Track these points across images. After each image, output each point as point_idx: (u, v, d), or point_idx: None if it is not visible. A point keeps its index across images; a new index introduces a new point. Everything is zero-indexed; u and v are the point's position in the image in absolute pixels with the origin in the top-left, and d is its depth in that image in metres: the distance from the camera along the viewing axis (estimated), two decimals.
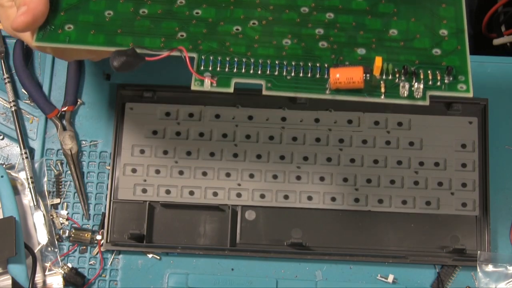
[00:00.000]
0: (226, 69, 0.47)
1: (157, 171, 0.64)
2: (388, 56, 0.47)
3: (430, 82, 0.46)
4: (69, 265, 0.63)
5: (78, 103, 0.67)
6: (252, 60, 0.47)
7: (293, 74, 0.47)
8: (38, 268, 0.60)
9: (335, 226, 0.64)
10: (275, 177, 0.64)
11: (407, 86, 0.46)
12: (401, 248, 0.63)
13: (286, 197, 0.64)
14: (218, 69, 0.47)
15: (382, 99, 0.46)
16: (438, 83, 0.46)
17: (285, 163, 0.64)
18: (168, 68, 0.67)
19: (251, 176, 0.64)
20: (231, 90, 0.46)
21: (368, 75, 0.46)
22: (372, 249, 0.63)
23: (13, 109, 0.66)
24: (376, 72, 0.46)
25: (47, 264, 0.63)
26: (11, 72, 0.67)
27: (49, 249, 0.63)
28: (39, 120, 0.66)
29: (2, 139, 0.67)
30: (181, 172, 0.64)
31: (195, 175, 0.64)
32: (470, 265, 0.62)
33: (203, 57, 0.48)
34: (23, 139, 0.65)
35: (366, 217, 0.64)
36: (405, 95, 0.46)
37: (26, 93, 0.67)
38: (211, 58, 0.47)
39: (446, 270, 0.63)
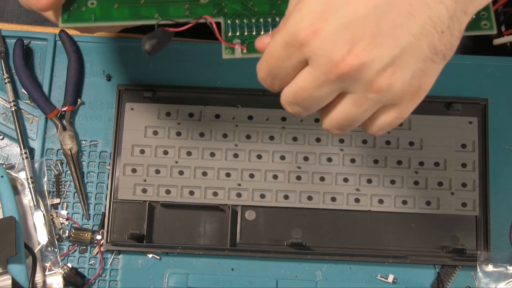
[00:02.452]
0: (254, 33, 0.47)
1: (157, 171, 0.64)
2: None
3: None
4: (69, 265, 0.63)
5: (78, 103, 0.67)
6: (277, 19, 0.47)
7: None
8: (38, 268, 0.60)
9: (335, 226, 0.64)
10: (275, 177, 0.64)
11: None
12: (401, 248, 0.63)
13: (286, 197, 0.64)
14: (246, 33, 0.47)
15: None
16: None
17: (285, 163, 0.64)
18: (168, 68, 0.67)
19: (251, 176, 0.64)
20: (261, 55, 0.46)
21: None
22: (372, 249, 0.63)
23: (13, 109, 0.66)
24: None
25: (47, 264, 0.63)
26: (11, 72, 0.67)
27: (49, 249, 0.63)
28: (39, 120, 0.66)
29: (2, 139, 0.67)
30: (181, 172, 0.64)
31: (195, 175, 0.64)
32: (470, 265, 0.62)
33: (229, 21, 0.47)
34: (23, 139, 0.65)
35: (366, 217, 0.64)
36: None
37: (26, 93, 0.67)
38: (237, 22, 0.47)
39: (446, 270, 0.63)
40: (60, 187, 0.65)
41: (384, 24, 0.38)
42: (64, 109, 0.66)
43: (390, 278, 0.63)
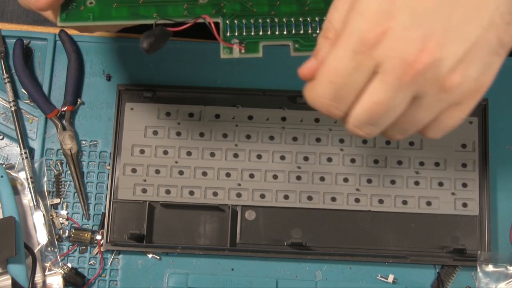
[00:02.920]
0: (252, 33, 0.47)
1: (157, 171, 0.64)
2: None
3: None
4: (69, 265, 0.63)
5: (78, 103, 0.67)
6: (276, 20, 0.47)
7: (318, 31, 0.47)
8: (38, 268, 0.60)
9: (335, 226, 0.64)
10: (275, 177, 0.64)
11: None
12: (401, 248, 0.63)
13: (286, 197, 0.64)
14: (244, 33, 0.47)
15: None
16: None
17: (285, 163, 0.64)
18: (168, 68, 0.67)
19: (251, 176, 0.64)
20: (260, 55, 0.46)
21: None
22: (372, 249, 0.63)
23: (13, 109, 0.66)
24: None
25: (47, 264, 0.63)
26: (11, 72, 0.67)
27: (49, 249, 0.63)
28: (39, 120, 0.66)
29: (2, 139, 0.67)
30: (181, 172, 0.64)
31: (195, 175, 0.64)
32: (470, 265, 0.62)
33: (227, 21, 0.47)
34: (23, 139, 0.65)
35: (366, 217, 0.64)
36: None
37: (26, 93, 0.67)
38: (235, 22, 0.47)
39: (446, 270, 0.63)
40: (60, 187, 0.65)
41: (455, 17, 0.36)
42: (64, 109, 0.66)
43: (390, 278, 0.63)
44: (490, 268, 0.62)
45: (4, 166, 0.65)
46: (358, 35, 0.37)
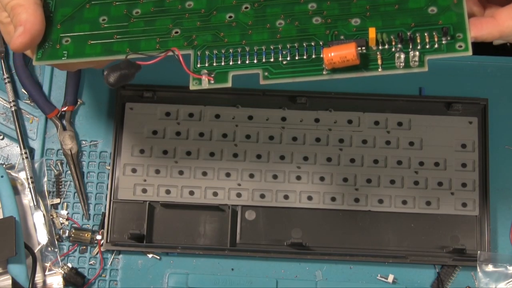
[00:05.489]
0: (222, 63, 0.47)
1: (157, 171, 0.64)
2: (384, 23, 0.47)
3: (428, 46, 0.46)
4: (69, 265, 0.63)
5: (78, 103, 0.67)
6: (247, 49, 0.47)
7: (288, 58, 0.47)
8: (38, 268, 0.60)
9: (335, 226, 0.64)
10: (275, 177, 0.64)
11: (402, 56, 0.45)
12: (401, 248, 0.63)
13: (286, 197, 0.64)
14: (215, 63, 0.47)
15: (380, 71, 0.45)
16: (436, 45, 0.45)
17: (285, 163, 0.64)
18: (168, 68, 0.67)
19: (251, 176, 0.64)
20: (229, 84, 0.46)
21: (364, 48, 0.46)
22: (372, 249, 0.63)
23: (13, 109, 0.66)
24: (372, 44, 0.46)
25: (47, 264, 0.63)
26: (11, 72, 0.67)
27: (49, 249, 0.63)
28: (39, 120, 0.66)
29: (2, 139, 0.67)
30: (181, 172, 0.64)
31: (195, 175, 0.64)
32: (470, 265, 0.62)
33: (198, 53, 0.48)
34: (23, 139, 0.65)
35: (366, 217, 0.64)
36: (401, 66, 0.45)
37: (26, 93, 0.67)
38: (206, 53, 0.47)
39: (446, 270, 0.63)
40: (60, 187, 0.65)
41: None
42: (64, 109, 0.66)
43: (390, 278, 0.63)
44: (490, 268, 0.62)
45: (4, 166, 0.65)
46: None
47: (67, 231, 0.64)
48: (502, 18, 0.47)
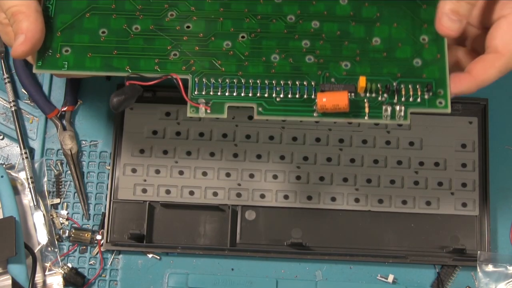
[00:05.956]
0: (219, 93, 0.49)
1: (157, 171, 0.64)
2: (372, 70, 0.50)
3: (411, 99, 0.49)
4: (69, 265, 0.63)
5: (78, 103, 0.67)
6: (243, 81, 0.49)
7: (282, 95, 0.49)
8: (38, 268, 0.61)
9: (335, 226, 0.64)
10: (275, 177, 0.64)
11: (389, 109, 0.48)
12: (401, 248, 0.63)
13: (286, 197, 0.64)
14: (211, 92, 0.49)
15: (366, 119, 0.48)
16: (419, 99, 0.49)
17: (285, 163, 0.64)
18: None
19: (251, 176, 0.64)
20: (224, 115, 0.49)
21: (353, 94, 0.49)
22: (372, 249, 0.63)
23: (13, 109, 0.66)
24: (361, 91, 0.49)
25: (47, 264, 0.63)
26: (11, 72, 0.67)
27: (49, 249, 0.63)
28: (39, 120, 0.66)
29: (2, 139, 0.67)
30: (181, 172, 0.65)
31: (195, 175, 0.64)
32: (470, 265, 0.62)
33: (196, 79, 0.49)
34: (23, 139, 0.65)
35: (366, 217, 0.64)
36: (388, 118, 0.48)
37: (26, 93, 0.67)
38: (204, 80, 0.49)
39: (446, 270, 0.63)
40: (60, 187, 0.65)
41: None
42: (64, 109, 0.66)
43: (390, 278, 0.63)
44: (490, 268, 0.62)
45: (4, 166, 0.65)
46: None
47: (67, 231, 0.64)
48: (478, 73, 0.49)
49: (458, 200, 0.64)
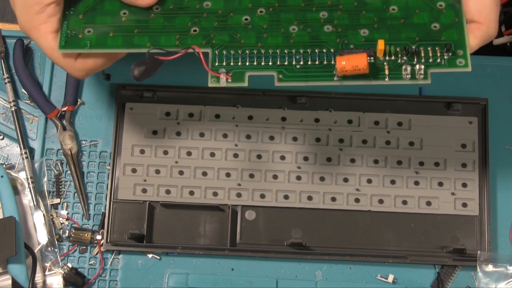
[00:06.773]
0: (239, 63, 0.49)
1: (157, 171, 0.64)
2: (390, 36, 0.49)
3: (431, 60, 0.48)
4: (69, 265, 0.63)
5: (78, 103, 0.67)
6: (262, 51, 0.49)
7: (302, 62, 0.49)
8: (38, 268, 0.60)
9: (335, 226, 0.64)
10: (275, 177, 0.64)
11: (409, 69, 0.48)
12: (401, 248, 0.63)
13: (286, 197, 0.64)
14: (232, 63, 0.49)
15: (387, 81, 0.48)
16: (438, 60, 0.48)
17: (285, 163, 0.64)
18: (168, 68, 0.67)
19: (251, 176, 0.64)
20: (245, 84, 0.48)
21: (372, 58, 0.48)
22: (372, 249, 0.63)
23: (13, 109, 0.66)
24: (380, 55, 0.49)
25: (47, 264, 0.63)
26: (11, 72, 0.67)
27: (49, 249, 0.63)
28: (39, 120, 0.66)
29: (2, 139, 0.67)
30: (181, 172, 0.64)
31: (195, 175, 0.64)
32: (470, 265, 0.62)
33: (216, 52, 0.49)
34: (23, 139, 0.65)
35: (366, 217, 0.64)
36: (408, 78, 0.48)
37: (26, 93, 0.67)
38: (224, 52, 0.49)
39: (446, 270, 0.63)
40: (60, 187, 0.65)
41: None
42: (64, 109, 0.66)
43: (390, 278, 0.63)
44: (490, 268, 0.62)
45: (4, 166, 0.65)
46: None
47: (67, 231, 0.64)
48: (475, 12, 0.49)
49: (458, 200, 0.64)
